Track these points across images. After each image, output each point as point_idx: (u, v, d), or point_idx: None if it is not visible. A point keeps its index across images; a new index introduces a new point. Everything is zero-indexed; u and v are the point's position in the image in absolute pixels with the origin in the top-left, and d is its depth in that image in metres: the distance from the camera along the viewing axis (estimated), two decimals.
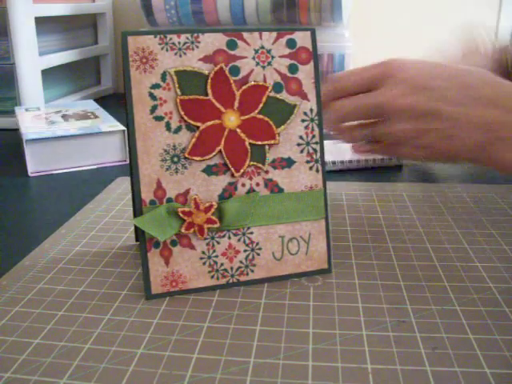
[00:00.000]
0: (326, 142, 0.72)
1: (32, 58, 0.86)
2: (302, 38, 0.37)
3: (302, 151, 0.37)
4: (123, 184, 0.58)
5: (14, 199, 0.55)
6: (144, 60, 0.34)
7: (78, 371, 0.28)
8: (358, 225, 0.46)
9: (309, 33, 0.37)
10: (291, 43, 0.36)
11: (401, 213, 0.49)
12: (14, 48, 0.84)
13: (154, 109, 0.34)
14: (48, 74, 0.94)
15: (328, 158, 0.63)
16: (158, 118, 0.34)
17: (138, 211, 0.34)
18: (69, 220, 0.48)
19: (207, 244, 0.35)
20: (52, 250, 0.42)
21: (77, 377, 0.27)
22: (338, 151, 0.65)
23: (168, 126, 0.34)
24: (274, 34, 0.36)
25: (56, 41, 0.98)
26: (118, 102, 1.08)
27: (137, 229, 0.35)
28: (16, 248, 0.43)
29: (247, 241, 0.36)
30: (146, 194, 0.34)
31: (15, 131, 0.84)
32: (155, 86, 0.34)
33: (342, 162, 0.62)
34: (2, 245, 0.44)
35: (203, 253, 0.35)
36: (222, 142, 0.35)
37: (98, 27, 1.15)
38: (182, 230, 0.34)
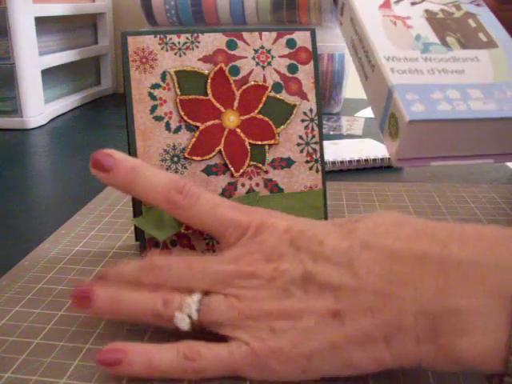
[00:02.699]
0: (325, 142, 0.72)
1: (32, 58, 0.86)
2: (301, 38, 0.37)
3: (301, 151, 0.37)
4: None
5: (14, 199, 0.55)
6: (144, 60, 0.34)
7: (77, 371, 0.28)
8: None
9: (308, 33, 0.37)
10: (291, 43, 0.36)
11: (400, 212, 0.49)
12: (13, 48, 0.84)
13: (153, 109, 0.34)
14: (48, 74, 0.94)
15: (328, 157, 0.63)
16: (158, 118, 0.34)
17: (137, 211, 0.34)
18: (69, 220, 0.48)
19: (207, 244, 0.35)
20: (52, 250, 0.42)
21: (77, 377, 0.27)
22: (338, 151, 0.65)
23: (168, 126, 0.34)
24: (274, 34, 0.36)
25: (56, 41, 0.98)
26: (118, 102, 1.08)
27: (137, 229, 0.35)
28: (16, 248, 0.43)
29: None
30: None
31: (16, 131, 0.84)
32: (155, 86, 0.34)
33: (342, 162, 0.62)
34: (2, 245, 0.44)
35: (203, 253, 0.35)
36: (222, 142, 0.35)
37: (98, 27, 1.15)
38: (182, 230, 0.34)
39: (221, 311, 0.27)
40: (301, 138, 0.37)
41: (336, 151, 0.65)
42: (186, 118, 0.34)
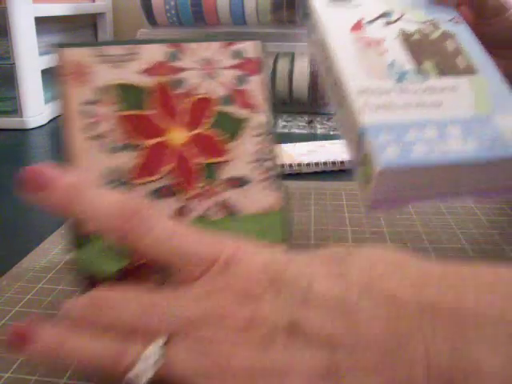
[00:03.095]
0: (325, 142, 0.72)
1: (32, 58, 0.86)
2: (249, 48, 0.34)
3: (256, 168, 0.34)
4: None
5: (14, 199, 0.55)
6: (78, 74, 0.31)
7: (77, 371, 0.28)
8: (358, 225, 0.46)
9: (256, 42, 0.34)
10: (238, 53, 0.34)
11: (401, 213, 0.49)
12: (13, 48, 0.84)
13: (90, 127, 0.31)
14: (48, 74, 0.94)
15: (328, 158, 0.63)
16: (95, 138, 0.31)
17: (76, 242, 0.30)
18: (69, 220, 0.48)
19: (162, 275, 0.31)
20: (52, 250, 0.42)
21: (77, 377, 0.27)
22: (338, 151, 0.65)
23: (107, 147, 0.31)
24: (220, 44, 0.34)
25: (56, 41, 0.98)
26: None
27: (78, 262, 0.30)
28: (16, 248, 0.43)
29: None
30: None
31: (16, 131, 0.84)
32: (91, 102, 0.31)
33: (342, 162, 0.62)
34: (2, 245, 0.44)
35: (159, 285, 0.30)
36: (169, 162, 0.32)
37: (98, 27, 1.15)
38: (132, 261, 0.30)
39: (187, 363, 0.22)
40: (254, 154, 0.34)
41: (336, 151, 0.65)
42: (126, 136, 0.31)
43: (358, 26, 0.35)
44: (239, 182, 0.34)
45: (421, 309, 0.20)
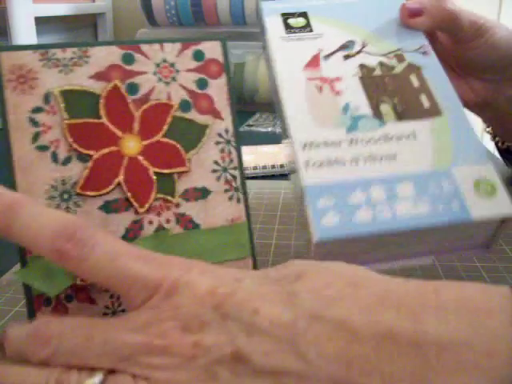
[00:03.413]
0: None
1: None
2: (210, 49, 0.32)
3: (218, 179, 0.32)
4: None
5: None
6: (22, 80, 0.29)
7: None
8: None
9: (218, 43, 0.32)
10: (198, 55, 0.32)
11: None
12: None
13: (36, 137, 0.29)
14: None
15: None
16: (42, 148, 0.29)
17: (24, 260, 0.29)
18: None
19: (111, 296, 0.29)
20: None
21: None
22: None
23: (54, 157, 0.29)
24: (178, 46, 0.31)
25: (56, 41, 0.98)
26: None
27: (21, 280, 0.29)
28: (16, 248, 0.43)
29: None
30: None
31: None
32: (37, 110, 0.29)
33: None
34: (3, 245, 0.44)
35: (107, 308, 0.29)
36: (122, 173, 0.30)
37: (98, 27, 1.15)
38: (78, 281, 0.28)
39: None
40: (216, 163, 0.32)
41: None
42: (76, 145, 0.29)
43: (314, 62, 0.33)
44: (200, 194, 0.31)
45: (376, 336, 0.19)
